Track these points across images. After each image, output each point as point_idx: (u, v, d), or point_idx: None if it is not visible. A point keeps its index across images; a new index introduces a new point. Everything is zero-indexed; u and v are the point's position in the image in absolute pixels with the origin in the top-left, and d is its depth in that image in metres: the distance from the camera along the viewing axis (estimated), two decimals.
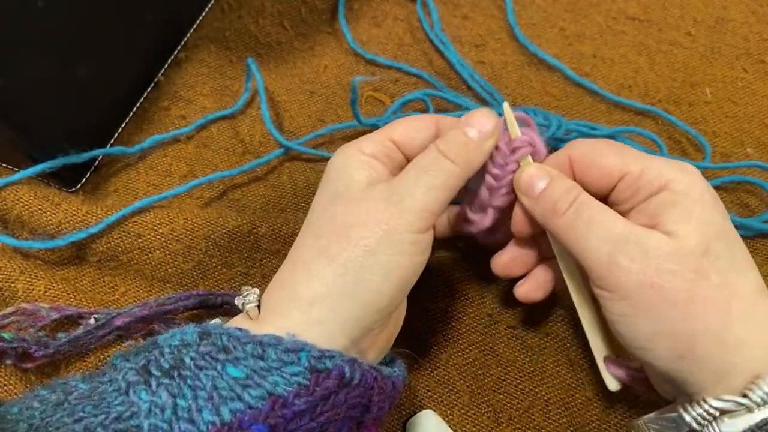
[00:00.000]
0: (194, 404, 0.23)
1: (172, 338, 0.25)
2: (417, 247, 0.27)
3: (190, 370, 0.24)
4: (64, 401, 0.23)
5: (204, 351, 0.24)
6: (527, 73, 0.47)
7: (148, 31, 0.42)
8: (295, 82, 0.46)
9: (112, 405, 0.23)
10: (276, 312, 0.26)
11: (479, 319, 0.37)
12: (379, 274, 0.26)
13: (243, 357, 0.24)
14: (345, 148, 0.29)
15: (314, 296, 0.26)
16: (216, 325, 0.26)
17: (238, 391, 0.23)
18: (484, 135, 0.29)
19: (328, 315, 0.26)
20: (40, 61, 0.34)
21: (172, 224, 0.37)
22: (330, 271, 0.26)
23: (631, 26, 0.50)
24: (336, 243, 0.26)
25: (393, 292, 0.27)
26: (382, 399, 0.26)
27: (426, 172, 0.27)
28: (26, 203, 0.36)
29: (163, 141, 0.41)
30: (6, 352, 0.32)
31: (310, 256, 0.27)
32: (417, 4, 0.50)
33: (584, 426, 0.34)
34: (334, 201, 0.28)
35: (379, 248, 0.26)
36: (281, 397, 0.23)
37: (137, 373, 0.24)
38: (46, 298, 0.34)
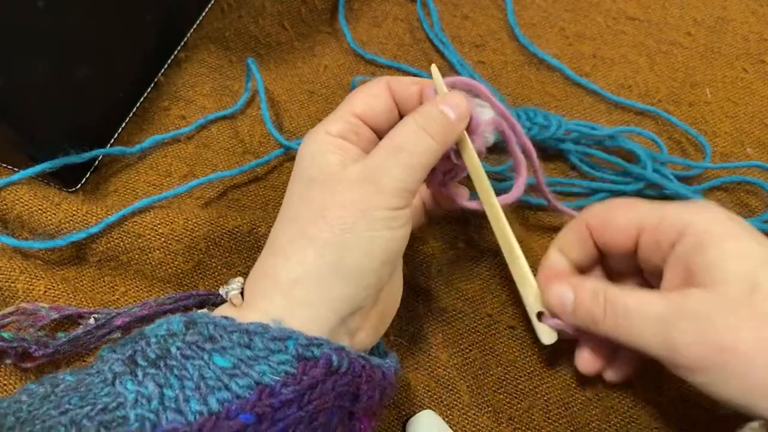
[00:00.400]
0: (181, 394, 0.23)
1: (158, 328, 0.25)
2: (396, 221, 0.27)
3: (177, 359, 0.23)
4: (51, 394, 0.23)
5: (190, 340, 0.24)
6: (527, 73, 0.47)
7: (148, 31, 0.42)
8: (295, 82, 0.46)
9: (98, 396, 0.23)
10: (258, 298, 0.26)
11: (479, 319, 0.37)
12: (359, 250, 0.26)
13: (230, 346, 0.24)
14: (312, 133, 0.29)
15: (294, 278, 0.26)
16: (202, 315, 0.25)
17: (225, 380, 0.23)
18: (459, 116, 0.29)
19: (312, 297, 0.26)
20: (40, 61, 0.34)
21: (172, 224, 0.37)
22: (309, 252, 0.26)
23: (631, 26, 0.50)
24: (313, 224, 0.26)
25: (378, 267, 0.27)
26: (371, 387, 0.26)
27: (402, 149, 0.27)
28: (26, 203, 0.36)
29: (163, 141, 0.41)
30: (6, 351, 0.32)
31: (287, 240, 0.27)
32: (417, 4, 0.50)
33: (584, 426, 0.34)
34: (308, 186, 0.28)
35: (357, 226, 0.26)
36: (268, 386, 0.23)
37: (123, 363, 0.24)
38: (46, 298, 0.34)
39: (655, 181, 0.40)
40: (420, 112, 0.29)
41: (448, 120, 0.29)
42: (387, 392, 0.28)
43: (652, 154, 0.41)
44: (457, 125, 0.29)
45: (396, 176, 0.27)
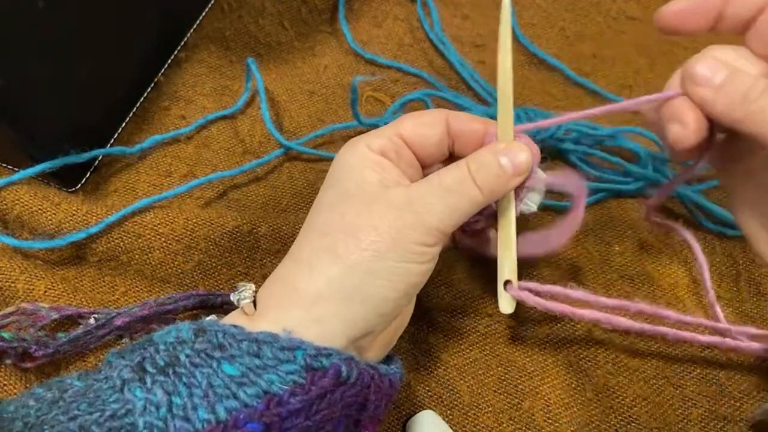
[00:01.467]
0: (189, 402, 0.23)
1: (167, 335, 0.25)
2: (424, 257, 0.27)
3: (186, 367, 0.23)
4: (60, 399, 0.23)
5: (199, 348, 0.24)
6: (527, 73, 0.47)
7: (148, 31, 0.42)
8: (295, 82, 0.46)
9: (107, 402, 0.23)
10: (273, 307, 0.26)
11: (479, 319, 0.37)
12: (385, 279, 0.26)
13: (238, 355, 0.24)
14: (353, 144, 0.29)
15: (316, 294, 0.26)
16: (211, 322, 0.25)
17: (234, 389, 0.23)
18: (516, 171, 0.28)
19: (328, 314, 0.25)
20: (40, 61, 0.34)
21: (172, 224, 0.37)
22: (335, 270, 0.26)
23: (631, 26, 0.50)
24: (343, 242, 0.26)
25: (398, 297, 0.27)
26: (378, 397, 0.26)
27: (450, 192, 0.27)
28: (26, 203, 0.36)
29: (163, 141, 0.41)
30: (6, 351, 0.32)
31: (313, 254, 0.27)
32: (417, 4, 0.50)
33: (584, 426, 0.34)
34: (343, 200, 0.27)
35: (389, 254, 0.26)
36: (276, 396, 0.23)
37: (132, 370, 0.24)
38: (46, 298, 0.34)
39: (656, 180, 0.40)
40: (476, 160, 0.28)
41: (502, 174, 0.28)
42: (393, 399, 0.28)
43: (653, 154, 0.41)
44: (510, 181, 0.29)
45: (437, 215, 0.27)
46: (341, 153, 0.29)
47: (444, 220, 0.27)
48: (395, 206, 0.27)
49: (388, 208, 0.26)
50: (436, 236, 0.27)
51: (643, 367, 0.35)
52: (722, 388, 0.34)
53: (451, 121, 0.30)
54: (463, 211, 0.27)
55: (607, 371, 0.35)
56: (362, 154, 0.28)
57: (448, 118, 0.30)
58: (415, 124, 0.29)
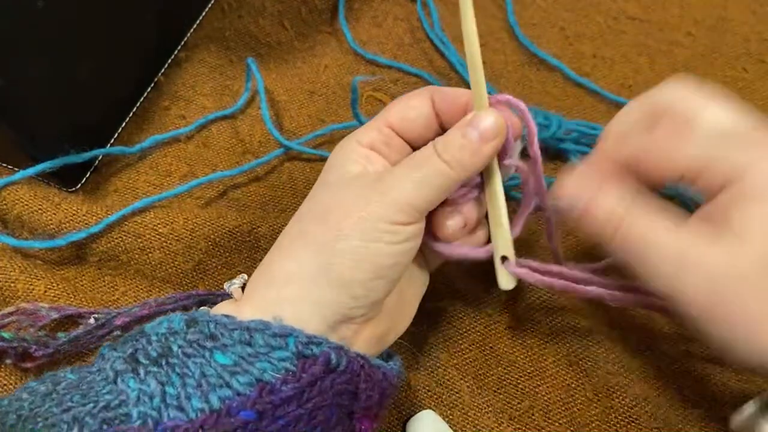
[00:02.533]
0: (183, 392, 0.23)
1: (159, 326, 0.25)
2: (396, 236, 0.26)
3: (178, 357, 0.24)
4: (53, 391, 0.23)
5: (191, 339, 0.24)
6: (527, 72, 0.47)
7: (148, 31, 0.42)
8: (295, 82, 0.46)
9: (100, 394, 0.23)
10: (253, 291, 0.27)
11: (479, 319, 0.37)
12: (349, 259, 0.26)
13: (230, 344, 0.24)
14: (344, 140, 0.29)
15: (287, 275, 0.26)
16: (203, 313, 0.26)
17: (227, 378, 0.23)
18: (484, 138, 0.28)
19: (299, 294, 0.26)
20: (40, 61, 0.34)
21: (172, 224, 0.37)
22: (304, 252, 0.26)
23: (631, 26, 0.50)
24: (313, 225, 0.27)
25: (365, 279, 0.26)
26: (369, 387, 0.26)
27: (418, 168, 0.27)
28: (26, 203, 0.37)
29: (163, 141, 0.41)
30: (6, 351, 0.32)
31: (289, 239, 0.28)
32: (417, 4, 0.50)
33: (584, 426, 0.34)
34: (322, 189, 0.28)
35: (353, 233, 0.26)
36: (269, 384, 0.23)
37: (125, 361, 0.24)
38: (46, 298, 0.34)
39: None
40: (444, 135, 0.28)
41: (467, 143, 0.27)
42: (387, 393, 0.28)
43: None
44: (480, 149, 0.28)
45: (405, 191, 0.26)
46: (333, 151, 0.29)
47: (414, 197, 0.26)
48: (364, 187, 0.27)
49: (358, 189, 0.27)
50: (407, 213, 0.26)
51: (643, 367, 0.35)
52: (722, 389, 0.34)
53: (436, 98, 0.29)
54: (434, 185, 0.27)
55: (607, 371, 0.35)
56: (351, 149, 0.29)
57: (432, 96, 0.29)
58: (401, 109, 0.29)
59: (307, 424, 0.24)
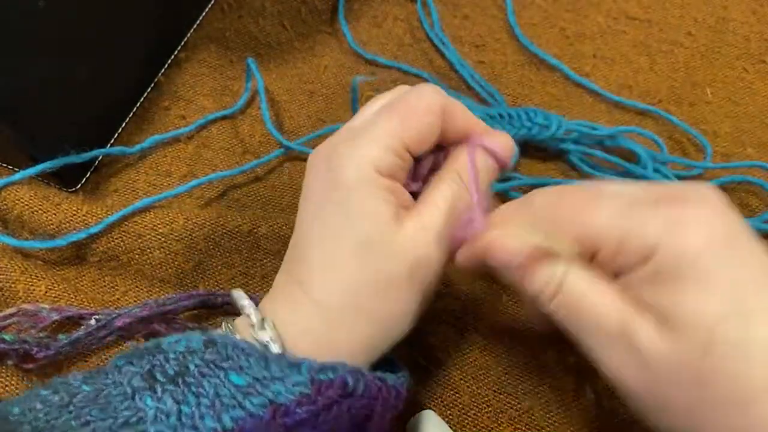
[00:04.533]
0: (197, 411, 0.23)
1: (177, 344, 0.25)
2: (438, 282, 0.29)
3: (194, 377, 0.24)
4: (69, 403, 0.23)
5: (209, 359, 0.24)
6: (527, 73, 0.47)
7: (148, 31, 0.42)
8: (295, 82, 0.46)
9: (118, 410, 0.23)
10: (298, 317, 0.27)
11: (479, 319, 0.37)
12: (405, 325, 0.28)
13: (246, 366, 0.24)
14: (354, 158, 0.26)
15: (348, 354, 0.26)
16: (222, 335, 0.26)
17: (240, 398, 0.23)
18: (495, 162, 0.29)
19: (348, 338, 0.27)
20: (40, 61, 0.34)
21: (172, 224, 0.37)
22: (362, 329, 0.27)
23: (631, 26, 0.50)
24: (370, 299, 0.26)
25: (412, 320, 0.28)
26: (385, 409, 0.26)
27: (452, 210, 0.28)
28: (26, 203, 0.36)
29: (163, 141, 0.41)
30: (7, 353, 0.32)
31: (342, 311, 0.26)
32: (417, 4, 0.49)
33: (584, 426, 0.34)
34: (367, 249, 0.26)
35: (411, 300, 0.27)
36: (282, 405, 0.23)
37: (143, 378, 0.24)
38: (46, 299, 0.34)
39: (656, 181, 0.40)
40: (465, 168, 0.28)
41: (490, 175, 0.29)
42: (399, 409, 0.28)
43: (653, 154, 0.41)
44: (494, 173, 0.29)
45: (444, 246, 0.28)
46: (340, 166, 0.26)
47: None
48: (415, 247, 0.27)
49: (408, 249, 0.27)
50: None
51: None
52: None
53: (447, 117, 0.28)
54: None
55: None
56: (372, 181, 0.26)
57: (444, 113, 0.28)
58: (420, 131, 0.27)
59: None
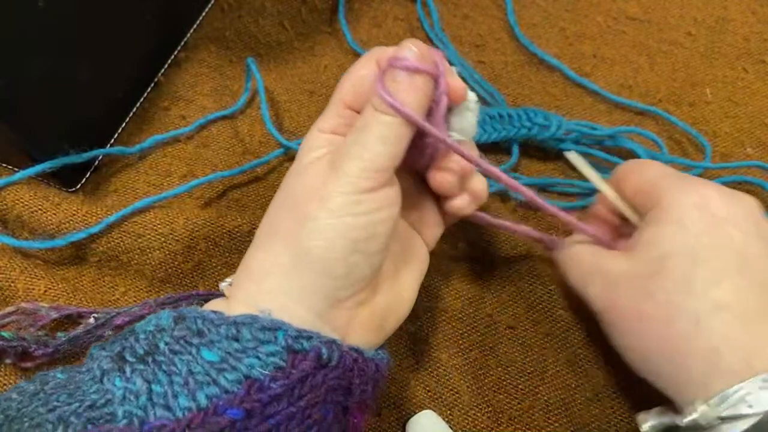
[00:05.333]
0: (170, 390, 0.22)
1: (147, 324, 0.25)
2: (363, 206, 0.25)
3: (165, 355, 0.23)
4: (40, 391, 0.23)
5: (178, 335, 0.24)
6: (527, 72, 0.47)
7: (148, 31, 0.42)
8: (295, 82, 0.46)
9: (86, 393, 0.23)
10: (236, 288, 0.27)
11: (479, 319, 0.37)
12: (320, 239, 0.25)
13: (217, 340, 0.23)
14: (308, 132, 0.29)
15: (264, 269, 0.26)
16: (191, 309, 0.25)
17: (214, 375, 0.23)
18: (411, 71, 0.26)
19: (278, 286, 0.25)
20: (40, 61, 0.34)
21: (172, 224, 0.37)
22: (277, 243, 0.26)
23: (631, 26, 0.50)
24: (282, 216, 0.27)
25: (343, 256, 0.25)
26: (363, 381, 0.25)
27: (363, 130, 0.26)
28: (26, 203, 0.37)
29: (163, 141, 0.41)
30: (6, 351, 0.32)
31: (260, 234, 0.28)
32: (417, 3, 0.50)
33: (584, 426, 0.34)
34: (286, 180, 0.28)
35: (318, 214, 0.25)
36: (257, 381, 0.23)
37: (112, 360, 0.24)
38: (46, 298, 0.34)
39: None
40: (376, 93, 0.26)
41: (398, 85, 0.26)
42: (380, 384, 0.27)
43: (653, 154, 0.41)
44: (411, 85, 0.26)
45: (357, 155, 0.25)
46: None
47: (369, 158, 0.25)
48: (320, 168, 0.27)
49: (314, 172, 0.27)
50: (368, 178, 0.25)
51: None
52: None
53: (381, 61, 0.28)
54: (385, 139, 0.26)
55: (607, 371, 0.35)
56: (313, 138, 0.29)
57: (378, 63, 0.28)
58: (352, 85, 0.29)
59: (301, 423, 0.23)
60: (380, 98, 0.26)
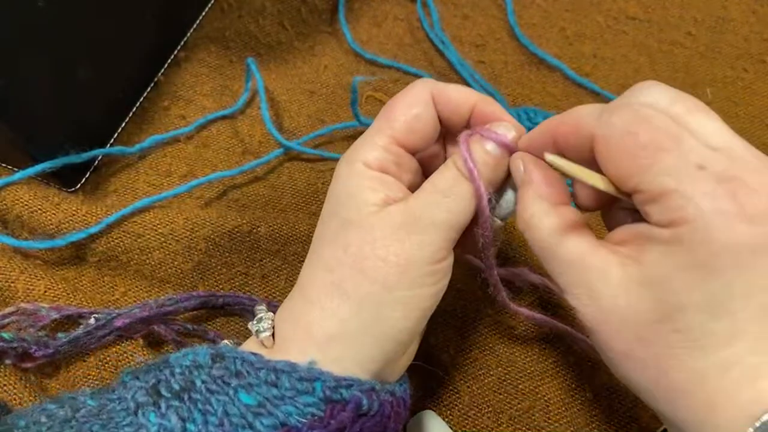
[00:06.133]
0: (204, 429, 0.22)
1: (183, 358, 0.24)
2: (435, 277, 0.25)
3: (201, 393, 0.23)
4: (72, 418, 0.23)
5: (216, 374, 0.23)
6: (527, 72, 0.47)
7: (148, 31, 0.42)
8: (295, 82, 0.46)
9: (120, 425, 0.22)
10: (292, 343, 0.25)
11: (479, 319, 0.37)
12: (398, 311, 0.25)
13: (256, 384, 0.23)
14: (349, 163, 0.26)
15: (330, 335, 0.24)
16: (229, 348, 0.25)
17: (250, 419, 0.22)
18: (506, 150, 0.26)
19: (345, 353, 0.25)
20: (40, 61, 0.34)
21: (172, 224, 0.37)
22: (345, 309, 0.25)
23: (631, 26, 0.50)
24: (350, 278, 0.25)
25: (413, 326, 0.25)
26: (397, 423, 0.25)
27: (447, 195, 0.25)
28: (26, 203, 0.36)
29: (163, 141, 0.41)
30: (6, 351, 0.32)
31: (322, 290, 0.25)
32: (417, 3, 0.49)
33: (584, 426, 0.34)
34: (345, 228, 0.25)
35: (399, 284, 0.24)
36: (294, 428, 0.22)
37: (147, 393, 0.23)
38: (46, 298, 0.34)
39: None
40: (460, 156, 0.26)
41: (490, 159, 0.26)
42: (404, 417, 0.27)
43: None
44: (502, 162, 0.26)
45: (440, 224, 0.25)
46: (338, 174, 0.27)
47: (448, 228, 0.25)
48: (397, 228, 0.25)
49: (391, 231, 0.25)
50: (444, 248, 0.25)
51: None
52: None
53: (438, 101, 0.27)
54: (465, 210, 0.26)
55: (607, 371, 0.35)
56: (360, 174, 0.26)
57: (435, 98, 0.27)
58: (407, 122, 0.27)
59: None
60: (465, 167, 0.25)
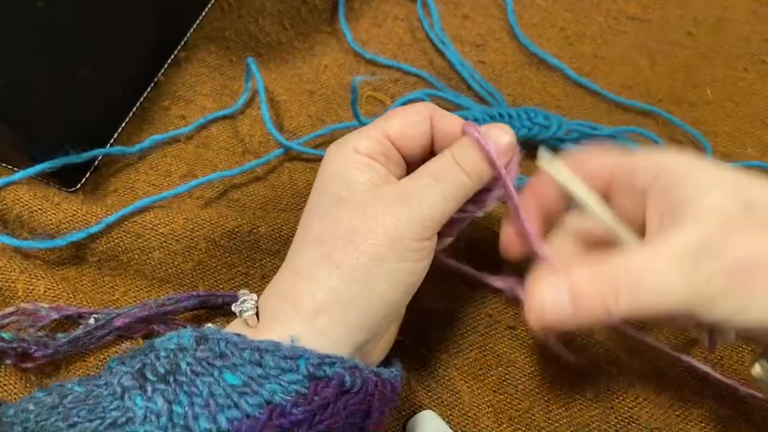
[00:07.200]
0: (190, 411, 0.22)
1: (168, 342, 0.25)
2: (421, 253, 0.26)
3: (186, 375, 0.23)
4: (59, 404, 0.23)
5: (201, 356, 0.24)
6: (527, 72, 0.47)
7: (148, 31, 0.42)
8: (295, 82, 0.46)
9: (107, 410, 0.23)
10: (277, 321, 0.26)
11: (479, 319, 0.37)
12: (385, 282, 0.25)
13: (240, 364, 0.24)
14: (338, 147, 0.28)
15: (318, 306, 0.25)
16: (213, 330, 0.25)
17: (235, 398, 0.23)
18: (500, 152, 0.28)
19: (333, 324, 0.25)
20: (40, 61, 0.34)
21: (172, 224, 0.37)
22: (334, 279, 0.25)
23: (631, 26, 0.50)
24: (341, 249, 0.25)
25: (399, 299, 0.26)
26: (382, 404, 0.26)
27: (439, 180, 0.27)
28: (26, 203, 0.36)
29: (163, 141, 0.41)
30: (6, 352, 0.32)
31: (311, 262, 0.26)
32: (417, 3, 0.49)
33: (584, 426, 0.34)
34: (337, 205, 0.27)
35: (387, 256, 0.25)
36: (279, 406, 0.23)
37: (132, 377, 0.24)
38: (45, 298, 0.34)
39: None
40: (459, 146, 0.28)
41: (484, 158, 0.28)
42: (394, 403, 0.28)
43: None
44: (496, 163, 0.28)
45: (431, 205, 0.26)
46: (328, 156, 0.28)
47: (438, 210, 0.26)
48: (389, 204, 0.26)
49: (383, 207, 0.26)
50: (430, 228, 0.26)
51: (643, 367, 0.35)
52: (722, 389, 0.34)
53: (435, 120, 0.29)
54: (456, 197, 0.27)
55: (608, 371, 0.35)
56: (349, 156, 0.28)
57: (433, 118, 0.29)
58: (403, 125, 0.28)
59: None
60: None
